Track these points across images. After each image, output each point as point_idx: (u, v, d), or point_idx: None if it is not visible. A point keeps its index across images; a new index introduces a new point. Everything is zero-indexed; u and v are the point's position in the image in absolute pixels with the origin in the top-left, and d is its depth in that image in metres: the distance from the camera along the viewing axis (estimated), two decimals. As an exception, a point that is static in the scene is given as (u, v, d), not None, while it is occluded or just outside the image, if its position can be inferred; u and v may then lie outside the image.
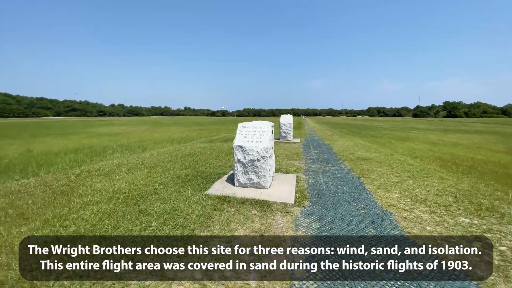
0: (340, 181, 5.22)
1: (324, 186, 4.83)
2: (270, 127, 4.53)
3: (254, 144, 4.34)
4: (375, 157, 8.23)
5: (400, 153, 9.26)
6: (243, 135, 4.53)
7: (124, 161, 7.71)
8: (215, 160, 7.27)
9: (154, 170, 6.15)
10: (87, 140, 14.79)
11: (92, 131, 22.83)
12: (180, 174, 5.53)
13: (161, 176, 5.40)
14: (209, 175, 5.42)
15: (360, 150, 9.86)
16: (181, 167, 6.39)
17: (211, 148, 10.21)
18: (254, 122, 4.71)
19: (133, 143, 12.69)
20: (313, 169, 6.33)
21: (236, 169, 4.48)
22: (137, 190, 4.52)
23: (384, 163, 7.23)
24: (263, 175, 4.33)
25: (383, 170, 6.33)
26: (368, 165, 6.93)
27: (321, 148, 10.54)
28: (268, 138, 4.39)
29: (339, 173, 5.94)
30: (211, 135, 16.91)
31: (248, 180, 4.44)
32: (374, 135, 17.62)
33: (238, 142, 4.46)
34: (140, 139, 15.03)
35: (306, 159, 7.89)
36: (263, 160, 4.29)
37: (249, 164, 4.36)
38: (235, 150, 4.44)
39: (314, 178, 5.43)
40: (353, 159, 7.84)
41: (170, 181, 4.99)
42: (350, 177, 5.57)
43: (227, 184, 4.72)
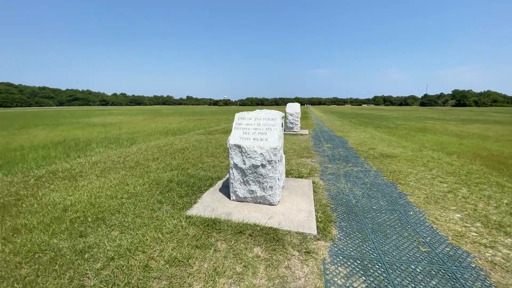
0: (372, 190, 3.94)
1: (353, 200, 3.55)
2: (279, 118, 3.21)
3: (258, 143, 3.04)
4: (402, 153, 6.90)
5: (428, 147, 7.89)
6: (241, 130, 3.23)
7: (103, 158, 6.51)
8: (210, 158, 6.01)
9: (132, 171, 4.93)
10: (75, 131, 13.62)
11: (86, 121, 21.65)
12: (161, 179, 4.29)
13: (137, 182, 4.17)
14: (199, 180, 4.17)
15: (380, 144, 8.51)
16: (166, 167, 5.14)
17: (208, 141, 8.94)
18: (257, 111, 3.39)
19: (124, 135, 11.48)
20: (331, 171, 5.05)
21: (232, 177, 3.21)
22: (96, 205, 3.30)
23: (416, 161, 5.90)
24: (269, 186, 3.06)
25: (420, 172, 5.02)
26: (397, 164, 5.62)
27: (334, 141, 9.20)
28: (277, 134, 3.08)
29: (365, 177, 4.65)
30: (210, 126, 15.61)
31: (249, 193, 3.18)
32: (388, 126, 16.12)
33: (234, 139, 3.17)
34: (133, 130, 13.81)
35: (319, 155, 6.59)
36: (269, 166, 3.01)
37: (250, 171, 3.09)
38: (231, 151, 3.15)
39: (336, 185, 4.15)
40: (376, 156, 6.51)
41: (146, 191, 3.76)
42: (382, 184, 4.28)
43: (221, 196, 3.47)
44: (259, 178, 3.08)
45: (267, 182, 3.06)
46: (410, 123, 18.95)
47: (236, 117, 3.38)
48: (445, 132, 13.40)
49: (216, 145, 8.03)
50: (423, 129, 14.81)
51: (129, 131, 13.44)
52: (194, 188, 3.79)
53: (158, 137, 10.59)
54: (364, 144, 8.40)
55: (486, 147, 8.72)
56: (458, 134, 12.49)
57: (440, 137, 10.96)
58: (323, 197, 3.64)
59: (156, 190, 3.78)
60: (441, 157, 6.51)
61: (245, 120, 3.30)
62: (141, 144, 8.80)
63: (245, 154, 3.06)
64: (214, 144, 8.15)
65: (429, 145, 8.37)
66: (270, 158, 2.98)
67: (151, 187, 3.93)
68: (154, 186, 3.95)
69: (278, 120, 3.17)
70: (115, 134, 12.17)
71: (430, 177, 4.72)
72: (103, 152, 7.51)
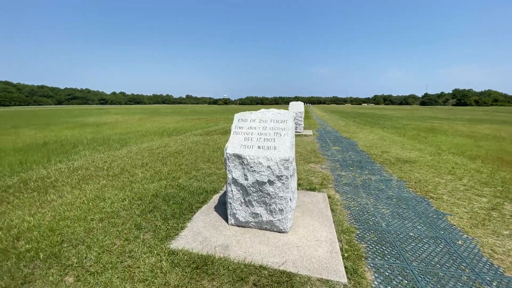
0: (401, 208, 3.23)
1: (382, 222, 2.84)
2: (291, 120, 2.50)
3: (264, 153, 2.33)
4: (420, 157, 6.20)
5: (446, 151, 7.19)
6: (242, 135, 2.52)
7: (86, 163, 5.79)
8: (206, 164, 5.30)
9: (114, 181, 4.21)
10: (66, 131, 12.88)
11: (81, 120, 20.87)
12: (146, 193, 3.57)
13: (116, 197, 3.46)
14: (190, 195, 3.46)
15: (392, 146, 7.81)
16: (154, 176, 4.43)
17: (205, 142, 8.23)
18: (262, 111, 2.67)
19: (115, 136, 10.76)
20: (346, 180, 4.34)
21: (230, 195, 2.50)
22: (57, 231, 2.59)
23: (440, 168, 5.21)
24: (279, 209, 2.35)
25: (449, 182, 4.32)
26: (419, 171, 4.92)
27: (342, 143, 8.49)
28: (288, 141, 2.37)
29: (388, 189, 3.94)
30: (209, 126, 14.88)
31: (252, 216, 2.47)
32: (395, 126, 15.42)
33: (233, 147, 2.45)
34: (126, 130, 13.08)
35: (328, 160, 5.89)
36: (279, 183, 2.30)
37: (254, 189, 2.38)
38: (229, 162, 2.44)
39: (356, 201, 3.44)
40: (392, 161, 5.81)
41: (124, 210, 3.05)
42: (411, 198, 3.57)
43: (216, 217, 2.76)
44: (266, 199, 2.37)
45: (275, 204, 2.35)
46: (416, 123, 18.25)
47: (236, 119, 2.67)
48: (456, 133, 12.71)
49: (214, 147, 7.31)
50: (431, 129, 14.11)
51: (123, 131, 12.71)
52: (184, 205, 3.07)
53: (152, 138, 9.87)
54: (376, 147, 7.69)
55: (507, 150, 8.02)
56: (470, 135, 11.80)
57: (453, 139, 10.26)
58: (344, 217, 2.93)
59: (137, 208, 3.07)
60: (465, 162, 5.82)
61: (247, 122, 2.59)
62: (132, 146, 8.08)
63: (247, 167, 2.35)
64: (212, 147, 7.44)
65: (445, 148, 7.67)
66: (280, 172, 2.27)
67: (132, 203, 3.22)
68: (136, 203, 3.24)
69: (289, 123, 2.46)
70: (107, 134, 11.44)
71: (463, 188, 4.02)
72: (89, 155, 6.79)
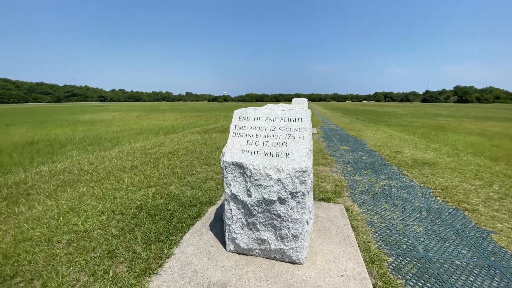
0: (435, 224, 2.68)
1: (418, 245, 2.29)
2: (307, 118, 1.93)
3: (272, 162, 1.77)
4: (437, 159, 5.65)
5: (463, 151, 6.63)
6: (244, 138, 1.96)
7: (71, 165, 5.24)
8: (202, 167, 4.74)
9: (96, 188, 3.66)
10: (58, 129, 12.30)
11: (76, 118, 20.24)
12: (129, 204, 3.02)
13: (94, 210, 2.90)
14: (182, 207, 2.90)
15: (404, 146, 7.25)
16: (142, 182, 3.87)
17: (202, 142, 7.67)
18: (269, 106, 2.11)
19: (109, 134, 10.19)
20: (362, 187, 3.79)
21: (229, 215, 1.95)
22: (12, 259, 2.05)
23: (463, 171, 4.66)
24: (292, 235, 1.80)
25: (479, 188, 3.77)
26: (443, 176, 4.37)
27: (350, 142, 7.93)
28: (305, 145, 1.81)
29: (413, 198, 3.39)
30: (208, 123, 14.30)
31: (257, 243, 1.92)
32: (401, 123, 14.84)
33: (233, 153, 1.89)
34: (121, 128, 12.51)
35: (338, 162, 5.33)
36: (293, 202, 1.75)
37: (260, 209, 1.82)
38: (227, 172, 1.88)
39: (380, 214, 2.89)
40: (409, 163, 5.25)
41: (99, 229, 2.50)
42: (442, 210, 3.02)
43: (211, 240, 2.21)
44: (275, 221, 1.81)
45: (288, 228, 1.80)
46: (422, 120, 17.67)
47: (236, 116, 2.10)
48: (466, 131, 12.15)
49: (212, 147, 6.76)
50: (439, 127, 13.54)
51: (118, 129, 12.14)
52: (172, 223, 2.51)
53: (147, 137, 9.31)
54: (387, 146, 7.14)
55: (527, 150, 7.45)
56: (481, 133, 11.23)
57: (466, 137, 9.70)
58: (369, 238, 2.38)
59: (116, 226, 2.52)
60: (488, 164, 5.27)
61: (250, 121, 2.02)
62: (125, 145, 7.53)
63: (251, 180, 1.80)
64: (210, 146, 6.88)
65: (462, 148, 7.11)
66: (295, 188, 1.71)
67: (110, 219, 2.66)
68: (115, 218, 2.69)
69: (306, 122, 1.89)
70: (101, 132, 10.87)
71: (497, 197, 3.47)
72: (77, 156, 6.24)
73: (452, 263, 2.07)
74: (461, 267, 2.03)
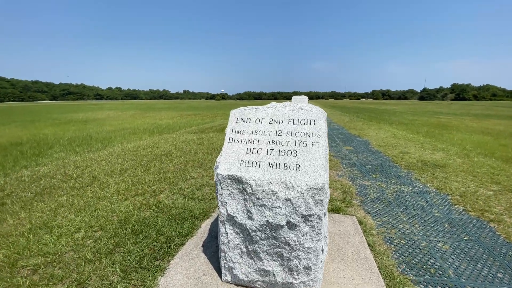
0: (463, 241, 2.34)
1: (449, 270, 1.94)
2: (322, 120, 1.56)
3: (279, 175, 1.40)
4: (447, 160, 5.33)
5: (472, 151, 6.33)
6: (243, 144, 1.59)
7: (55, 168, 4.84)
8: (197, 171, 4.36)
9: (78, 197, 3.27)
10: (48, 129, 11.82)
11: (70, 116, 19.69)
12: (111, 217, 2.64)
13: (70, 226, 2.52)
14: (171, 222, 2.53)
15: (410, 145, 6.93)
16: (130, 189, 3.49)
17: (199, 142, 7.28)
18: (273, 105, 1.74)
19: (101, 134, 9.75)
20: (373, 194, 3.44)
21: (224, 240, 1.58)
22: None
23: (478, 174, 4.34)
24: (304, 267, 1.44)
25: (499, 194, 3.45)
26: (457, 180, 4.04)
27: (353, 142, 7.60)
28: (320, 154, 1.44)
29: (431, 207, 3.05)
30: (205, 122, 13.89)
31: (260, 274, 1.56)
32: (402, 122, 14.54)
33: (229, 164, 1.52)
34: (115, 127, 12.06)
35: (343, 164, 4.99)
36: (306, 227, 1.38)
37: (264, 235, 1.46)
38: (221, 188, 1.51)
39: (399, 229, 2.55)
40: (419, 165, 4.92)
41: (72, 251, 2.12)
42: (467, 222, 2.68)
43: (204, 267, 1.85)
44: (282, 250, 1.45)
45: (298, 259, 1.44)
46: (422, 119, 17.40)
47: (233, 118, 1.73)
48: (469, 129, 11.88)
49: (208, 148, 6.38)
50: (442, 125, 13.26)
51: (111, 129, 11.69)
52: (159, 242, 2.14)
53: (140, 137, 8.89)
54: (392, 146, 6.81)
55: (536, 149, 7.16)
56: (485, 132, 10.96)
57: (471, 136, 9.41)
58: (389, 260, 2.03)
59: (92, 247, 2.14)
60: (501, 166, 4.96)
61: (251, 123, 1.66)
62: (116, 146, 7.12)
63: (252, 199, 1.43)
64: (206, 147, 6.51)
65: (470, 148, 6.81)
66: (309, 210, 1.35)
67: (87, 237, 2.29)
68: (92, 236, 2.31)
69: (321, 125, 1.53)
70: (93, 132, 10.43)
71: (525, 206, 3.15)
72: (63, 158, 5.83)
73: (492, 292, 1.73)
74: (504, 298, 1.69)
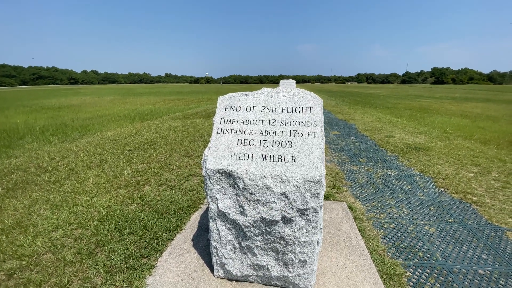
0: (446, 222, 2.43)
1: (437, 253, 2.00)
2: (318, 107, 1.46)
3: (274, 169, 1.31)
4: (430, 143, 5.51)
5: (452, 134, 6.58)
6: (233, 135, 1.46)
7: (28, 161, 4.49)
8: (184, 160, 4.21)
9: (52, 192, 3.04)
10: (18, 117, 10.93)
11: (40, 103, 18.28)
12: (92, 214, 2.48)
13: (46, 223, 2.34)
14: (158, 216, 2.41)
15: (394, 129, 7.09)
16: (112, 181, 3.29)
17: (184, 129, 7.03)
18: (264, 92, 1.61)
19: (78, 122, 9.16)
20: (362, 179, 3.48)
21: (216, 236, 1.50)
22: None
23: (459, 157, 4.52)
24: (300, 260, 1.40)
25: (479, 176, 3.61)
26: (439, 162, 4.19)
27: (339, 126, 7.66)
28: (317, 145, 1.35)
29: (417, 190, 3.14)
30: (189, 107, 13.43)
31: (254, 269, 1.51)
32: (386, 106, 14.85)
33: (218, 157, 1.41)
34: (92, 114, 11.36)
35: (331, 150, 5.01)
36: (302, 221, 1.32)
37: (258, 231, 1.39)
38: (211, 183, 1.40)
39: (387, 213, 2.60)
40: (403, 148, 5.05)
41: (49, 253, 1.96)
42: (451, 205, 2.79)
43: (196, 260, 1.78)
44: (277, 245, 1.40)
45: (294, 253, 1.39)
46: (405, 102, 17.87)
47: (221, 105, 1.59)
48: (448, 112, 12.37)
49: (195, 135, 6.17)
50: (423, 108, 13.69)
51: (88, 116, 11.02)
52: (145, 239, 2.03)
53: (121, 124, 8.45)
54: (377, 130, 6.94)
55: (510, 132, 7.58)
56: (464, 115, 11.45)
57: (450, 119, 9.79)
58: (379, 245, 2.07)
59: (72, 247, 1.99)
60: (480, 148, 5.20)
61: (241, 112, 1.53)
62: (94, 135, 6.72)
63: (245, 194, 1.34)
64: (192, 134, 6.29)
65: (450, 130, 7.08)
66: (304, 204, 1.29)
67: (65, 237, 2.13)
68: (72, 235, 2.15)
69: (317, 113, 1.43)
70: (67, 120, 9.77)
71: (499, 185, 3.32)
72: (36, 149, 5.42)
73: (475, 272, 1.81)
74: (485, 277, 1.77)
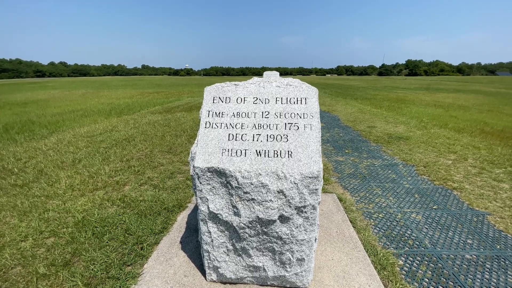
0: (429, 209, 2.50)
1: (425, 240, 2.05)
2: (314, 97, 1.38)
3: (269, 165, 1.21)
4: (409, 132, 5.72)
5: (429, 123, 6.90)
6: (224, 129, 1.34)
7: (-13, 162, 4.02)
8: (166, 157, 3.99)
9: (19, 197, 2.74)
10: (-25, 113, 9.85)
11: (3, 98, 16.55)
12: (66, 219, 2.25)
13: (14, 232, 2.08)
14: (141, 219, 2.24)
15: (375, 120, 7.29)
16: (87, 182, 3.03)
17: (165, 123, 6.71)
18: (256, 81, 1.49)
19: (45, 118, 8.42)
20: (349, 169, 3.51)
21: (207, 239, 1.39)
22: None
23: (436, 145, 4.73)
24: (298, 259, 1.34)
25: (457, 163, 3.79)
26: (419, 151, 4.35)
27: (323, 118, 7.73)
28: (314, 138, 1.27)
29: (401, 179, 3.22)
30: (170, 101, 12.89)
31: (249, 270, 1.42)
32: (365, 97, 15.29)
33: (207, 154, 1.28)
34: (62, 109, 10.52)
35: (317, 141, 5.03)
36: (300, 219, 1.25)
37: (254, 231, 1.30)
38: (200, 183, 1.28)
39: (375, 203, 2.62)
40: (385, 138, 5.19)
41: (19, 266, 1.75)
42: (433, 192, 2.89)
43: (185, 264, 1.66)
44: (274, 245, 1.32)
45: (291, 252, 1.32)
46: (383, 94, 18.50)
47: (209, 97, 1.45)
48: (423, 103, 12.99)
49: (177, 130, 5.91)
50: (400, 99, 14.25)
51: (57, 111, 10.19)
52: (128, 245, 1.87)
53: (95, 120, 7.89)
54: (360, 121, 7.09)
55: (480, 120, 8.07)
56: (437, 105, 12.07)
57: (425, 109, 10.27)
58: (371, 235, 2.08)
59: (44, 259, 1.78)
60: (455, 136, 5.48)
61: (231, 104, 1.40)
62: (66, 132, 6.21)
63: (238, 193, 1.24)
64: (174, 129, 6.02)
65: (426, 120, 7.41)
66: (303, 201, 1.21)
67: (37, 247, 1.91)
68: (44, 244, 1.93)
69: (313, 103, 1.34)
70: (34, 116, 8.96)
71: (475, 171, 3.51)
72: (0, 149, 4.89)
73: (463, 257, 1.87)
74: (472, 261, 1.83)
